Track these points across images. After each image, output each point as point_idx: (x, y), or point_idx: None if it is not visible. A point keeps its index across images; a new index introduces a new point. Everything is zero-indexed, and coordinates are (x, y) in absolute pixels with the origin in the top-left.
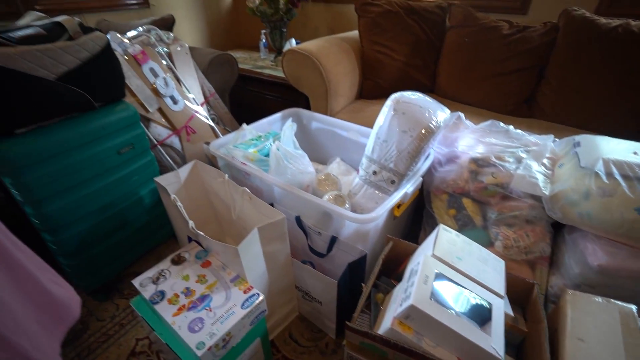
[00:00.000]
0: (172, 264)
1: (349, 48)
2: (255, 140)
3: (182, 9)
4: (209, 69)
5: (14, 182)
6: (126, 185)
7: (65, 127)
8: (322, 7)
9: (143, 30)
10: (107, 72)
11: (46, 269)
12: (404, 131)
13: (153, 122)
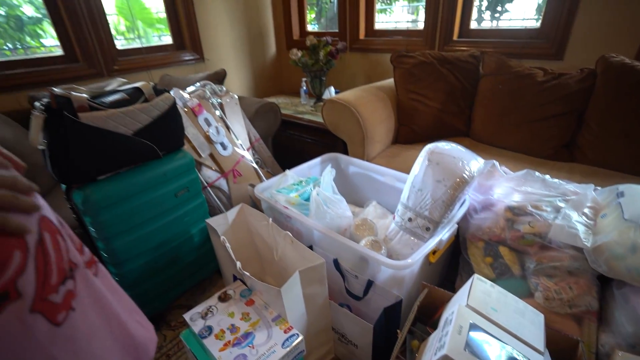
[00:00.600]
0: (219, 300)
1: (385, 96)
2: (297, 185)
3: (232, 61)
4: (255, 117)
5: (92, 221)
6: (180, 224)
7: (134, 174)
8: (359, 56)
9: (200, 85)
10: (171, 126)
11: (135, 310)
12: (438, 181)
13: (204, 166)
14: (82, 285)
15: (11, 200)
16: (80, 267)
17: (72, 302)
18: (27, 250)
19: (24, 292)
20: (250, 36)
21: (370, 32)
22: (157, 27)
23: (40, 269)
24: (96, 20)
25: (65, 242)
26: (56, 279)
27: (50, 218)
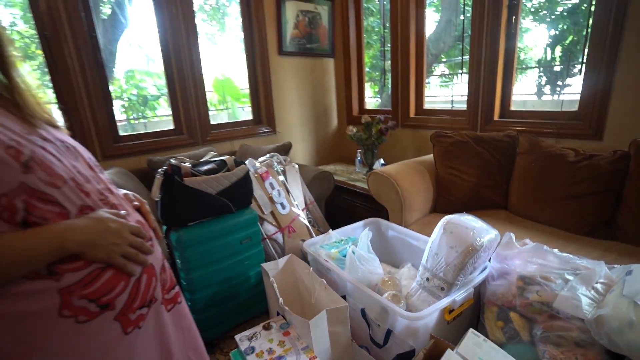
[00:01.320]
0: (263, 329)
1: (424, 170)
2: (338, 243)
3: (298, 134)
4: (312, 182)
5: (180, 255)
6: (241, 266)
7: (213, 223)
8: (410, 132)
9: (269, 156)
10: (244, 188)
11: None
12: (451, 247)
13: (266, 221)
14: (152, 315)
15: (141, 246)
16: (158, 301)
17: (140, 323)
18: (128, 284)
19: (116, 306)
20: (316, 113)
21: (420, 111)
22: (242, 100)
23: (131, 296)
24: (199, 100)
25: (156, 283)
26: (137, 304)
27: (154, 265)
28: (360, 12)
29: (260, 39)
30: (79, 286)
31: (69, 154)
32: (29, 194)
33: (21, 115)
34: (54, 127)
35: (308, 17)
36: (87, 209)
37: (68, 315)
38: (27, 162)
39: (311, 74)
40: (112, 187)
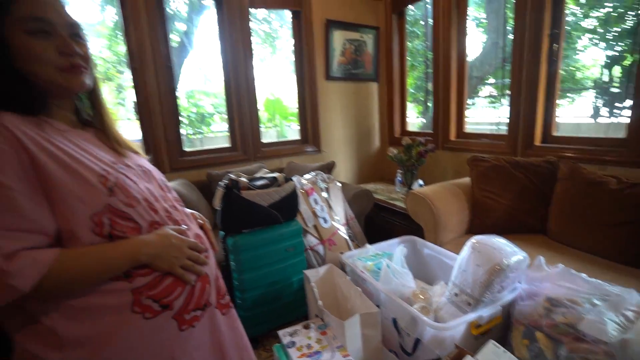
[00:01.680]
0: (303, 327)
1: (460, 192)
2: (374, 256)
3: (342, 153)
4: (352, 200)
5: (235, 258)
6: (285, 272)
7: (263, 232)
8: (450, 154)
9: (314, 174)
10: (291, 202)
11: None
12: (478, 265)
13: (309, 234)
14: (206, 317)
15: (197, 258)
16: (212, 306)
17: (194, 323)
18: (184, 289)
19: (174, 307)
20: (359, 134)
21: (461, 134)
22: (289, 119)
23: (186, 300)
24: (253, 120)
25: (209, 288)
26: (192, 307)
27: (208, 274)
28: (403, 39)
29: (310, 66)
30: (146, 288)
31: (144, 177)
32: (112, 212)
33: (110, 144)
34: (135, 153)
35: (354, 45)
36: (155, 224)
37: (138, 312)
38: (111, 187)
39: (355, 97)
40: (177, 204)
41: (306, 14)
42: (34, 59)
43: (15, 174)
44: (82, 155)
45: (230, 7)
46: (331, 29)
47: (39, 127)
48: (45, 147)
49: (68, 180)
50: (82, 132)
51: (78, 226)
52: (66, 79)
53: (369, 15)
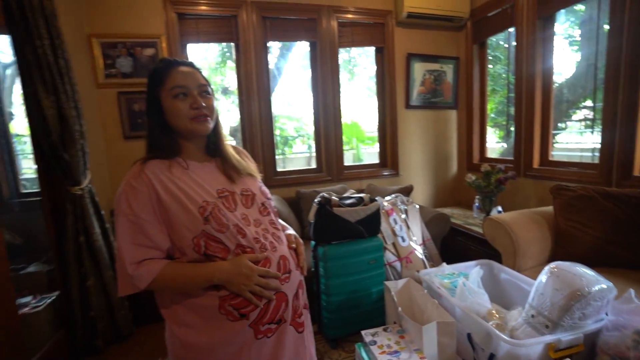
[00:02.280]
0: (383, 330)
1: (542, 220)
2: (450, 275)
3: (419, 177)
4: (429, 222)
5: (324, 265)
6: (366, 282)
7: (350, 244)
8: (532, 182)
9: (394, 196)
10: (375, 220)
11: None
12: (556, 289)
13: (388, 250)
14: (280, 331)
15: (265, 285)
16: (287, 322)
17: (268, 334)
18: (259, 302)
19: (250, 317)
20: (437, 159)
21: (545, 162)
22: (366, 142)
23: (260, 313)
24: (338, 143)
25: (286, 307)
26: (266, 320)
27: (286, 293)
28: (484, 67)
29: (391, 96)
30: (228, 298)
31: (245, 202)
32: (206, 237)
33: (227, 172)
34: (250, 176)
35: (434, 75)
36: (241, 247)
37: (223, 313)
38: (207, 217)
39: (434, 124)
40: (272, 226)
41: (389, 49)
42: (176, 114)
43: (147, 208)
44: (193, 189)
45: (322, 47)
46: (412, 61)
47: (168, 170)
48: (168, 187)
49: (179, 212)
50: (207, 163)
51: (184, 246)
52: (195, 125)
53: (450, 46)
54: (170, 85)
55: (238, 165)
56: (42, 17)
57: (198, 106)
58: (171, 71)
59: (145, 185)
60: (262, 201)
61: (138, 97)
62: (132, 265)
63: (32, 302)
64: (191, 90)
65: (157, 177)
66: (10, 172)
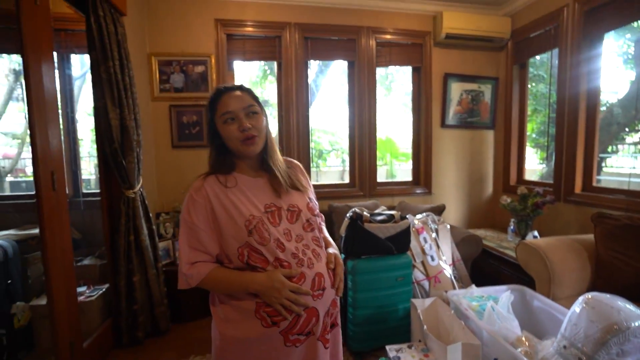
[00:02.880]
0: (407, 347)
1: (582, 248)
2: (479, 297)
3: (452, 197)
4: (460, 243)
5: (352, 279)
6: (393, 298)
7: (379, 260)
8: (574, 208)
9: (425, 215)
10: (404, 237)
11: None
12: (592, 321)
13: (416, 269)
14: (307, 343)
15: (295, 300)
16: (315, 336)
17: (297, 344)
18: (290, 315)
19: (281, 326)
20: (471, 179)
21: (589, 188)
22: (400, 159)
23: (291, 324)
24: (371, 159)
25: (316, 322)
26: (295, 330)
27: (318, 308)
28: (524, 88)
29: (426, 114)
30: (263, 304)
31: (289, 218)
32: (249, 248)
33: (276, 187)
34: (298, 191)
35: (471, 95)
36: (278, 260)
37: (259, 318)
38: (251, 230)
39: (470, 143)
40: (314, 242)
41: (426, 69)
42: (228, 137)
43: (203, 218)
44: (243, 203)
45: (360, 66)
46: (449, 81)
47: (224, 185)
48: (221, 200)
49: (228, 224)
50: (259, 178)
51: (230, 254)
52: (244, 147)
53: (489, 66)
54: (220, 112)
55: (286, 182)
56: (115, 41)
57: (245, 128)
58: (221, 99)
59: (203, 198)
60: (308, 217)
61: (187, 109)
62: (187, 265)
63: (87, 292)
64: (238, 114)
65: (213, 191)
66: (75, 173)
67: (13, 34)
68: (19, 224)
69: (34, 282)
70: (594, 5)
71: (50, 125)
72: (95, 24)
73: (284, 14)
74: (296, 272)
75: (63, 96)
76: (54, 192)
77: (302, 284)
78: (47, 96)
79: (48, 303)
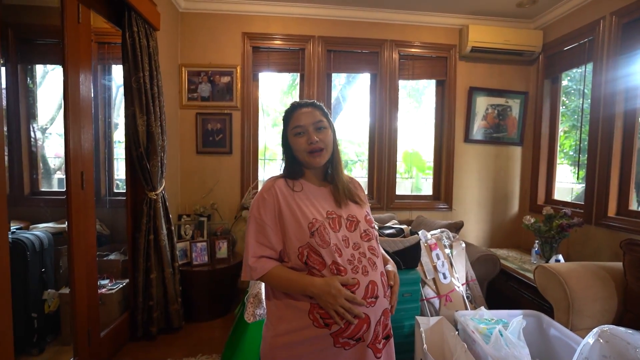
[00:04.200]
0: None
1: (608, 277)
2: (488, 320)
3: (474, 214)
4: (476, 262)
5: None
6: (399, 314)
7: None
8: (606, 232)
9: (439, 231)
10: (413, 253)
11: None
12: (605, 356)
13: (427, 285)
14: (357, 348)
15: (349, 309)
16: (365, 342)
17: (345, 347)
18: (340, 322)
19: (332, 329)
20: (495, 197)
21: (624, 212)
22: (426, 172)
23: (342, 328)
24: (390, 171)
25: (367, 329)
26: (346, 335)
27: (370, 316)
28: (556, 104)
29: (449, 128)
30: (317, 306)
31: (348, 227)
32: (309, 248)
33: (337, 197)
34: (356, 204)
35: (497, 109)
36: (335, 264)
37: (311, 319)
38: (313, 232)
39: (495, 160)
40: (370, 251)
41: (450, 83)
42: (297, 149)
43: (271, 216)
44: (307, 207)
45: (382, 79)
46: (474, 95)
47: (292, 189)
48: (288, 202)
49: (292, 223)
50: (323, 188)
51: (291, 252)
52: (310, 159)
53: (518, 81)
54: (292, 125)
55: (347, 193)
56: (147, 54)
57: (312, 141)
58: (294, 114)
59: (273, 198)
60: (365, 228)
61: (212, 117)
62: (253, 258)
63: (109, 285)
64: (307, 128)
65: (282, 192)
66: (108, 173)
67: (55, 48)
68: (58, 218)
69: (64, 272)
70: (633, 18)
71: (83, 130)
72: (130, 39)
73: (309, 27)
74: (353, 281)
75: (102, 103)
76: (83, 190)
77: (356, 291)
78: (83, 103)
79: (70, 292)
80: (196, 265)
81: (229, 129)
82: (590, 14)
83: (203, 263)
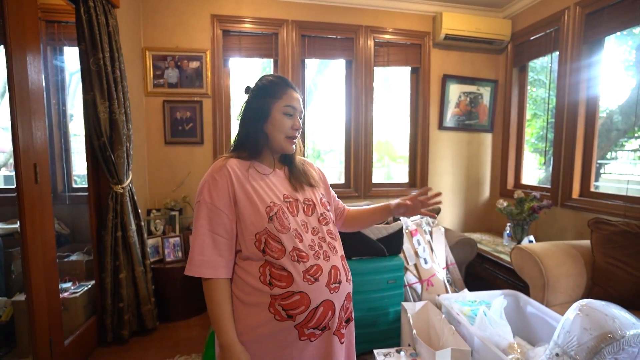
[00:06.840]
0: (396, 351)
1: (578, 255)
2: (471, 302)
3: (448, 200)
4: (454, 246)
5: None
6: (383, 301)
7: (370, 261)
8: (571, 213)
9: (419, 217)
10: (397, 239)
11: None
12: (585, 329)
13: (409, 271)
14: (323, 338)
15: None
16: (331, 330)
17: (312, 338)
18: (307, 308)
19: (297, 320)
20: (468, 183)
21: (586, 193)
22: (398, 161)
23: (307, 317)
24: (367, 160)
25: (332, 316)
26: (311, 325)
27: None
28: (524, 92)
29: (424, 116)
30: (279, 298)
31: (306, 210)
32: (268, 235)
33: (293, 181)
34: (312, 187)
35: (470, 97)
36: (296, 249)
37: (272, 312)
38: (272, 216)
39: (467, 146)
40: (330, 237)
41: (424, 70)
42: (279, 128)
43: (224, 199)
44: (264, 190)
45: (357, 66)
46: (447, 83)
47: (247, 170)
48: (243, 184)
49: (248, 208)
50: (278, 171)
51: (247, 239)
52: (286, 144)
53: (488, 69)
54: (285, 102)
55: (303, 176)
56: (106, 33)
57: (297, 128)
58: (289, 91)
59: (225, 179)
60: (322, 212)
61: (181, 105)
62: (199, 257)
63: (72, 288)
64: (295, 113)
65: (235, 173)
66: (65, 168)
67: None
68: (8, 218)
69: (18, 277)
70: (596, 8)
71: (34, 117)
72: (85, 15)
73: (282, 11)
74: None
75: (54, 89)
76: (37, 184)
77: (320, 277)
78: (32, 87)
79: (26, 298)
80: (169, 262)
81: (200, 117)
82: (556, 4)
83: (176, 259)
